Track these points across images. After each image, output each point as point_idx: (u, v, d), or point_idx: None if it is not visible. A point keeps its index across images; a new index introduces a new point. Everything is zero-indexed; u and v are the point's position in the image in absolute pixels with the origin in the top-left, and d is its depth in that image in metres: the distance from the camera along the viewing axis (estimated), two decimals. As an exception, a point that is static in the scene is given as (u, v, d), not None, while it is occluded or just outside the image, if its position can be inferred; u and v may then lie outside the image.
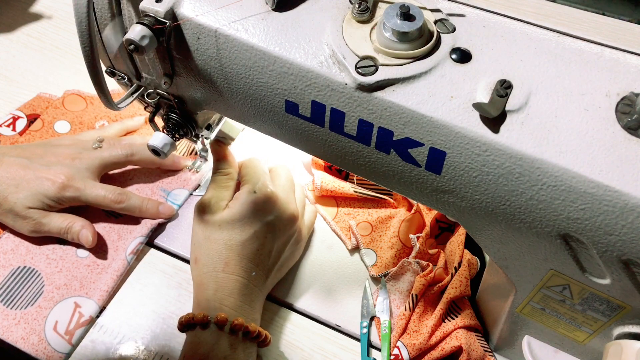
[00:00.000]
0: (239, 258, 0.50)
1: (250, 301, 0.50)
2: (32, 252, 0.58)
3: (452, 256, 0.55)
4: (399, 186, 0.42)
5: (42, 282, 0.56)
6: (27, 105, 0.69)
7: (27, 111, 0.69)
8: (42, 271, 0.57)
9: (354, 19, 0.39)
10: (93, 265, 0.57)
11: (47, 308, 0.55)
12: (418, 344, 0.50)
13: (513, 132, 0.34)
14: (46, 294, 0.55)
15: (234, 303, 0.48)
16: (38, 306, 0.55)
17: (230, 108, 0.47)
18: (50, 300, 0.55)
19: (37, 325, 0.53)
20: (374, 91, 0.37)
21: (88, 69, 0.40)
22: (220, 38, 0.40)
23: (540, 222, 0.35)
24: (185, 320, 0.47)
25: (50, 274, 0.57)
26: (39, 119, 0.68)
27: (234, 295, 0.49)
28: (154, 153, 0.52)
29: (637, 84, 0.35)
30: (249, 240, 0.51)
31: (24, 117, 0.68)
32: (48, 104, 0.70)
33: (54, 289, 0.56)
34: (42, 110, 0.69)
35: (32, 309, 0.54)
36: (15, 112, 0.69)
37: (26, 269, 0.57)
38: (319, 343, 0.54)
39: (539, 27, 0.39)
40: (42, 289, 0.56)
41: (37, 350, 0.52)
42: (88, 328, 0.54)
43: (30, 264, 0.57)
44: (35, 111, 0.69)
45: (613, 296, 0.36)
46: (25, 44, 0.78)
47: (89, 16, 0.37)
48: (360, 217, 0.60)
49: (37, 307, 0.55)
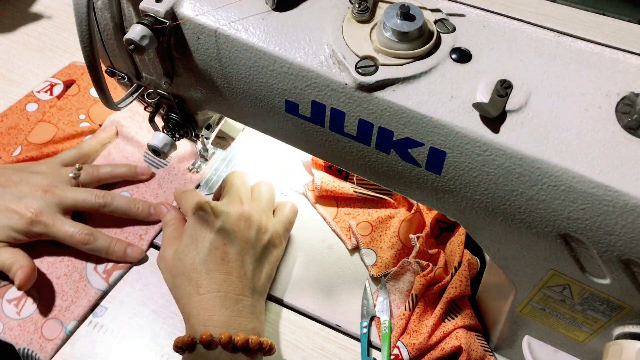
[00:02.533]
0: (208, 275, 0.49)
1: (239, 311, 0.48)
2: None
3: (452, 256, 0.55)
4: (399, 186, 0.42)
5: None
6: (62, 73, 0.73)
7: (63, 77, 0.72)
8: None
9: (354, 18, 0.39)
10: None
11: None
12: (418, 344, 0.50)
13: (513, 132, 0.34)
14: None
15: (219, 320, 0.47)
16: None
17: (230, 108, 0.47)
18: None
19: (79, 264, 0.58)
20: (374, 91, 0.37)
21: (88, 68, 0.40)
22: (220, 38, 0.40)
23: (540, 222, 0.35)
24: (175, 345, 0.46)
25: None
26: (75, 84, 0.71)
27: (216, 312, 0.47)
28: (154, 153, 0.52)
29: (637, 84, 0.35)
30: (209, 255, 0.50)
31: (60, 83, 0.72)
32: (83, 71, 0.72)
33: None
34: (77, 77, 0.73)
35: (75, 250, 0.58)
36: (51, 79, 0.72)
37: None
38: (319, 343, 0.54)
39: (539, 27, 0.39)
40: None
41: (78, 287, 0.56)
42: (125, 272, 0.57)
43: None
44: (72, 77, 0.72)
45: (613, 296, 0.36)
46: (25, 44, 0.78)
47: (89, 16, 0.37)
48: (360, 217, 0.60)
49: None
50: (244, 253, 0.52)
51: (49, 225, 0.55)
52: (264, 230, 0.54)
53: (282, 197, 0.63)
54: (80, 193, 0.57)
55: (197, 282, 0.49)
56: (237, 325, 0.47)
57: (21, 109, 0.69)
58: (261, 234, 0.54)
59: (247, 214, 0.53)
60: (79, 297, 0.55)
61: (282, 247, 0.57)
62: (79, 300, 0.55)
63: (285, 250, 0.59)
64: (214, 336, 0.45)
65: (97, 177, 0.60)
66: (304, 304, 0.56)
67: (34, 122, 0.68)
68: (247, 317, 0.49)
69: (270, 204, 0.58)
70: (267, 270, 0.54)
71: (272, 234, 0.55)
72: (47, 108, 0.69)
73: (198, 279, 0.49)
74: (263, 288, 0.53)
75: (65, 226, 0.55)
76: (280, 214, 0.58)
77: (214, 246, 0.50)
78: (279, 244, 0.56)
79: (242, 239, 0.52)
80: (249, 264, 0.52)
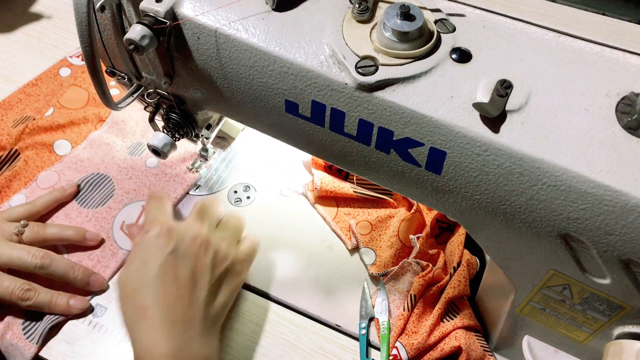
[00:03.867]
0: (154, 298, 0.45)
1: (188, 339, 0.45)
2: (106, 162, 0.64)
3: (451, 256, 0.55)
4: (399, 186, 0.42)
5: (112, 187, 0.62)
6: None
7: None
8: (114, 177, 0.63)
9: (354, 18, 0.39)
10: (161, 174, 0.63)
11: (116, 209, 0.61)
12: (416, 344, 0.50)
13: (513, 132, 0.34)
14: (116, 197, 0.62)
15: (167, 348, 0.43)
16: (108, 207, 0.61)
17: (230, 108, 0.47)
18: (120, 202, 0.61)
19: (106, 223, 0.60)
20: (374, 91, 0.37)
21: (88, 69, 0.40)
22: (220, 38, 0.40)
23: (540, 222, 0.35)
24: None
25: (121, 180, 0.63)
26: None
27: (163, 340, 0.43)
28: (154, 153, 0.52)
29: (637, 84, 0.35)
30: (157, 277, 0.46)
31: None
32: None
33: (124, 193, 0.62)
34: None
35: (103, 209, 0.61)
36: None
37: (99, 175, 0.63)
38: (319, 343, 0.54)
39: (539, 27, 0.39)
40: (113, 193, 0.62)
41: (104, 245, 0.58)
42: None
43: (104, 171, 0.63)
44: None
45: (613, 296, 0.36)
46: (25, 44, 0.78)
47: (89, 16, 0.37)
48: (360, 216, 0.60)
49: (107, 208, 0.61)
50: (198, 278, 0.48)
51: None
52: (223, 256, 0.51)
53: (282, 197, 0.63)
54: (16, 250, 0.52)
55: (143, 305, 0.45)
56: (186, 354, 0.44)
57: (54, 73, 0.73)
58: (219, 260, 0.50)
59: (205, 237, 0.50)
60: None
61: (244, 275, 0.53)
62: None
63: (285, 250, 0.59)
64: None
65: (42, 236, 0.55)
66: (304, 304, 0.56)
67: (66, 86, 0.71)
68: (198, 346, 0.45)
69: (235, 233, 0.54)
70: (224, 298, 0.50)
71: (233, 260, 0.51)
72: (80, 73, 0.72)
73: (144, 302, 0.45)
74: (217, 315, 0.49)
75: (4, 282, 0.51)
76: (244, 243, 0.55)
77: (164, 269, 0.46)
78: (240, 271, 0.52)
79: (196, 262, 0.48)
80: (202, 289, 0.48)
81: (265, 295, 0.56)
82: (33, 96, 0.70)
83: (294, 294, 0.56)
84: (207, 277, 0.48)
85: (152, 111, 0.53)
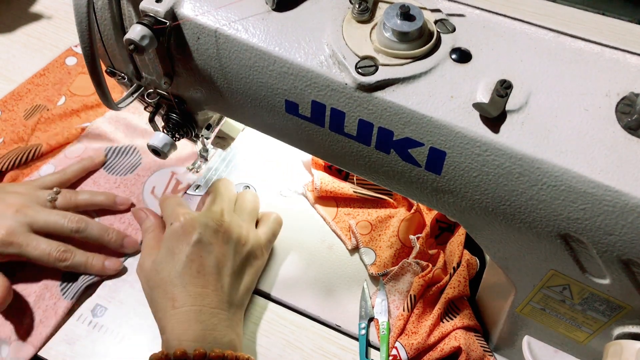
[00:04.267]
0: (183, 289, 0.48)
1: (214, 325, 0.47)
2: (129, 134, 0.66)
3: (451, 256, 0.55)
4: (399, 186, 0.42)
5: (139, 156, 0.65)
6: None
7: None
8: (139, 148, 0.65)
9: (354, 19, 0.39)
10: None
11: (145, 176, 0.63)
12: (416, 344, 0.50)
13: (513, 132, 0.34)
14: (144, 165, 0.64)
15: (194, 334, 0.46)
16: (137, 174, 0.63)
17: (230, 108, 0.47)
18: (149, 170, 0.63)
19: (136, 189, 0.62)
20: (374, 91, 0.37)
21: (88, 69, 0.40)
22: (220, 38, 0.40)
23: (540, 222, 0.35)
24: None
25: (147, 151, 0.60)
26: None
27: (191, 327, 0.46)
28: (154, 153, 0.52)
29: (637, 84, 0.35)
30: (185, 268, 0.49)
31: None
32: None
33: (152, 161, 0.64)
34: None
35: (132, 176, 0.63)
36: None
37: (125, 146, 0.65)
38: (319, 343, 0.54)
39: (539, 27, 0.39)
40: (140, 161, 0.64)
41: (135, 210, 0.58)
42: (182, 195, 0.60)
43: (129, 143, 0.65)
44: None
45: (613, 296, 0.36)
46: (25, 44, 0.78)
47: (89, 16, 0.37)
48: (360, 217, 0.60)
49: (135, 175, 0.63)
50: (222, 265, 0.51)
51: (22, 245, 0.52)
52: (244, 241, 0.53)
53: (282, 198, 0.63)
54: (52, 215, 0.55)
55: (173, 295, 0.48)
56: (213, 339, 0.46)
57: (61, 63, 0.74)
58: (240, 246, 0.53)
59: (226, 226, 0.52)
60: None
61: (264, 258, 0.56)
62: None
63: (285, 250, 0.59)
64: (188, 352, 0.44)
65: (74, 202, 0.58)
66: (304, 304, 0.56)
67: (74, 74, 0.73)
68: (223, 331, 0.48)
69: (252, 214, 0.57)
70: (247, 282, 0.53)
71: (253, 245, 0.54)
72: None
73: (173, 293, 0.48)
74: (241, 300, 0.52)
75: (40, 244, 0.53)
76: (264, 224, 0.58)
77: (190, 259, 0.49)
78: (260, 255, 0.55)
79: (219, 251, 0.51)
80: (226, 276, 0.51)
81: (265, 295, 0.56)
82: (41, 86, 0.72)
83: (293, 294, 0.56)
84: (230, 264, 0.52)
85: (152, 111, 0.53)
